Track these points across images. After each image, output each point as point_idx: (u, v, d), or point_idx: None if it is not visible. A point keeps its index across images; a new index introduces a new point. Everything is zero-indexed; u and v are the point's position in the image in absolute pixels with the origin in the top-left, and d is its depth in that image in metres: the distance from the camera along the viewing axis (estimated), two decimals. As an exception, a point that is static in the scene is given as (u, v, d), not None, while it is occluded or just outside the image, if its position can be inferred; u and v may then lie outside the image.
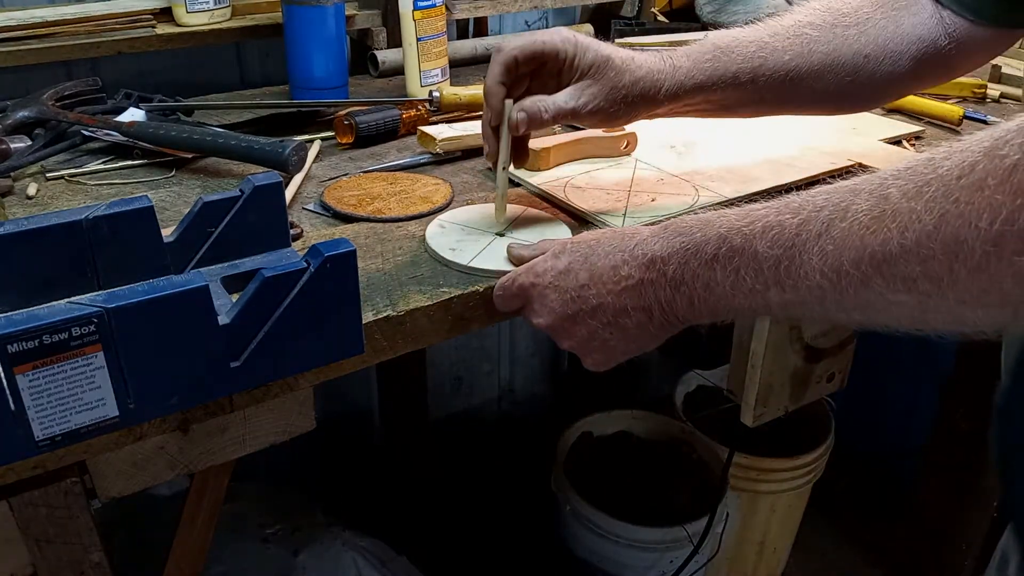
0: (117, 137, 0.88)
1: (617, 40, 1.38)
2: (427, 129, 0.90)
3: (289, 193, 0.79)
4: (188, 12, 1.09)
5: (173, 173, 0.86)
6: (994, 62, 1.21)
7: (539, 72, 0.71)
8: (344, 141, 0.94)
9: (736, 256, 0.50)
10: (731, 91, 0.73)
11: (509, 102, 0.70)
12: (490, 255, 0.68)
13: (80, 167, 0.85)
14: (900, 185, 0.42)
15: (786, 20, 0.75)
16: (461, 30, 1.41)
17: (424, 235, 0.72)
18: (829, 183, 0.48)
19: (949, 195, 0.39)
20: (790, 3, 1.41)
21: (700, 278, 0.52)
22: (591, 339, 0.59)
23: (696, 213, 0.56)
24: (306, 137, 0.93)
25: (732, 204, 0.61)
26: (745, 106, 0.76)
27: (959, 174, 0.39)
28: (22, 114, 0.89)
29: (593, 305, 0.57)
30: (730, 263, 0.50)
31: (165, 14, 1.11)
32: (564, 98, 0.70)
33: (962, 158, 0.39)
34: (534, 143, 0.86)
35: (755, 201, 0.51)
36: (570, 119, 0.71)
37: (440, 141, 0.88)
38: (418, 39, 1.05)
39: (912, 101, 1.07)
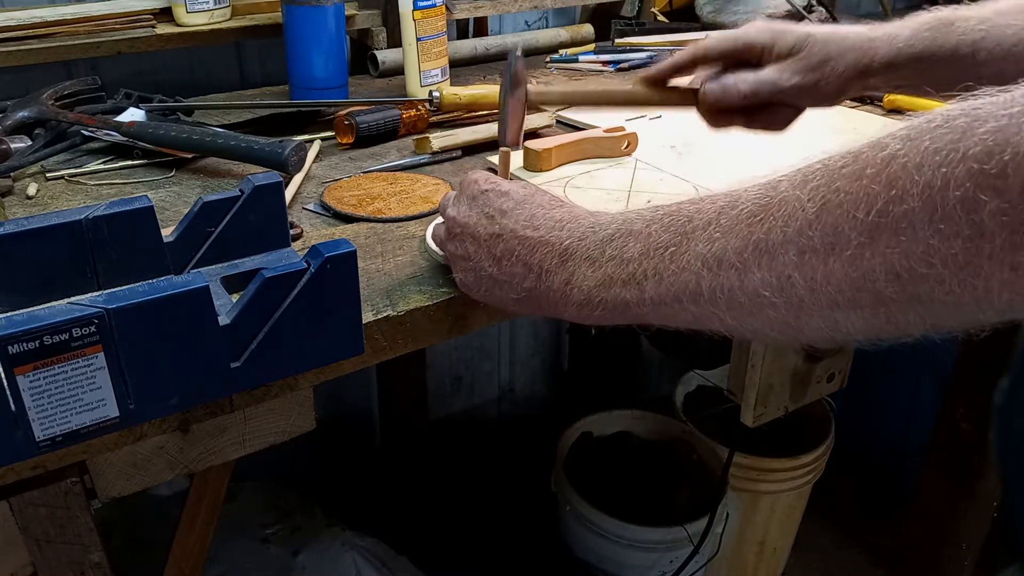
0: (117, 137, 0.88)
1: (617, 40, 1.38)
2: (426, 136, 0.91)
3: (289, 193, 0.79)
4: (188, 12, 1.09)
5: (173, 173, 0.86)
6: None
7: (737, 66, 0.71)
8: (344, 141, 0.94)
9: (631, 238, 0.48)
10: (949, 67, 0.70)
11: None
12: None
13: (80, 167, 0.85)
14: (791, 176, 0.41)
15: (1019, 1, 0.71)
16: (461, 30, 1.41)
17: (424, 235, 0.72)
18: None
19: (831, 184, 0.38)
20: (791, 3, 1.41)
21: (588, 255, 0.50)
22: (469, 258, 0.58)
23: None
24: (306, 137, 0.93)
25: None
26: (962, 85, 0.74)
27: (843, 163, 0.38)
28: (22, 114, 0.89)
29: (493, 232, 0.56)
30: (623, 243, 0.49)
31: (165, 14, 1.11)
32: (766, 73, 0.69)
33: (853, 148, 0.38)
34: (534, 143, 0.86)
35: None
36: (774, 94, 0.71)
37: (434, 137, 0.89)
38: (418, 39, 1.05)
39: (912, 101, 1.07)
